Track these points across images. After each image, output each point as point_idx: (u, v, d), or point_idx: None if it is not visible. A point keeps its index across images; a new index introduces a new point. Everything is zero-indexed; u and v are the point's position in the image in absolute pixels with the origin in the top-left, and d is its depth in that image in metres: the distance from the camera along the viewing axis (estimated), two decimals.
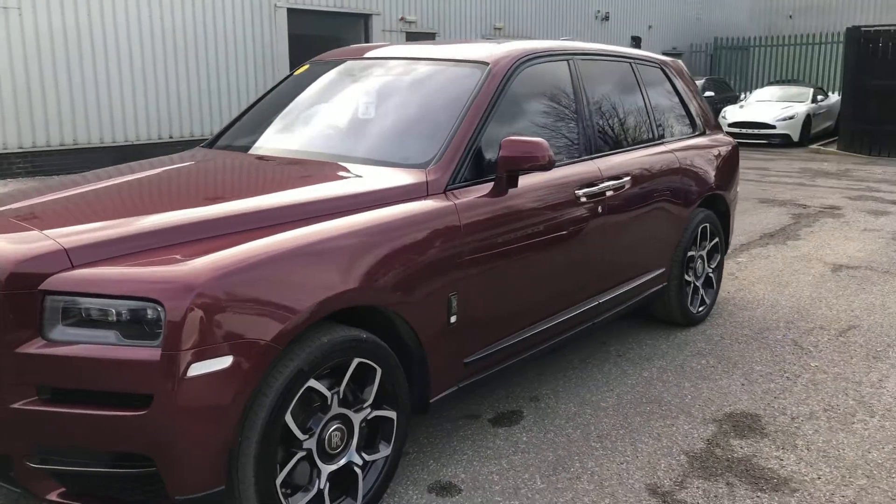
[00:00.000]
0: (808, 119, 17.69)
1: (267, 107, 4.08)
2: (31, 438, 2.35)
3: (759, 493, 3.06)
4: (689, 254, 4.82)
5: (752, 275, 6.34)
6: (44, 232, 2.48)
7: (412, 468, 3.22)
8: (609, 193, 3.92)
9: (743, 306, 5.48)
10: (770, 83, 21.93)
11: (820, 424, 3.67)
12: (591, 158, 3.94)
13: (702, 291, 5.05)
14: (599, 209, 3.85)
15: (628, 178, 4.08)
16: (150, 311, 2.26)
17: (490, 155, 3.34)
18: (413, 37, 17.00)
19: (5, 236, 2.47)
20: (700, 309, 5.04)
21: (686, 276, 4.84)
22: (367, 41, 16.24)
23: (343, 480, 2.76)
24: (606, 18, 23.58)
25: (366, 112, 3.67)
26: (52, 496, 2.40)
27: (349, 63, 4.10)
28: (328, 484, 2.69)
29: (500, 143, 3.26)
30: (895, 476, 3.20)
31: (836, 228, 8.30)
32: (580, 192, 3.72)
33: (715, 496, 3.04)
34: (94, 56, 11.75)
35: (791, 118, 17.39)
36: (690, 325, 4.99)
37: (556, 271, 3.63)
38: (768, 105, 18.16)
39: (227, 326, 2.30)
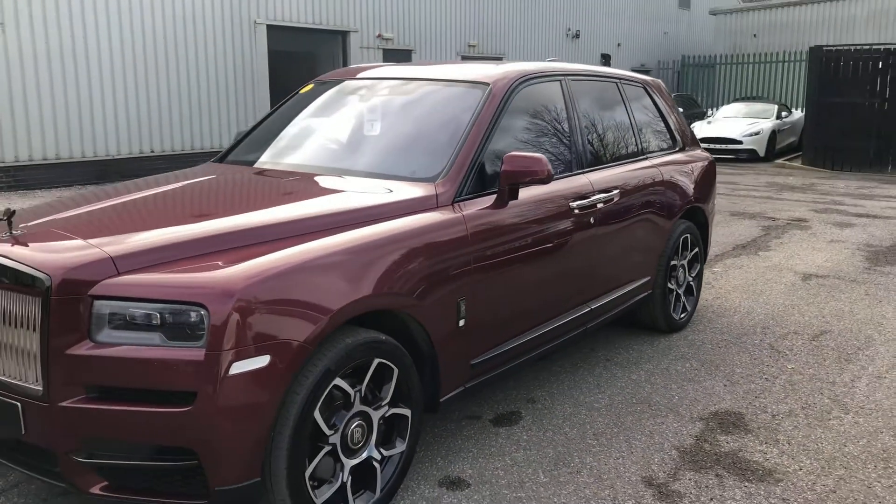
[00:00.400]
0: (774, 135, 18.23)
1: (276, 124, 4.27)
2: (78, 435, 2.51)
3: (746, 483, 3.30)
4: (672, 263, 5.08)
5: (728, 284, 6.63)
6: (89, 241, 2.65)
7: (421, 465, 3.41)
8: (600, 206, 4.16)
9: (721, 313, 5.75)
10: (735, 100, 22.51)
11: (799, 421, 3.92)
12: (583, 172, 4.18)
13: (683, 299, 5.31)
14: (591, 220, 4.09)
15: (617, 191, 4.33)
16: (193, 315, 2.43)
17: (491, 169, 3.56)
18: (390, 54, 17.24)
19: (54, 245, 2.63)
20: (682, 315, 5.30)
21: (669, 284, 5.09)
22: (344, 58, 16.47)
23: (363, 474, 2.94)
24: (577, 36, 24.06)
25: (373, 129, 3.88)
26: (95, 490, 2.56)
27: (353, 82, 4.30)
28: (350, 477, 2.87)
29: (502, 159, 3.48)
30: (870, 467, 3.46)
31: (804, 240, 8.65)
32: (574, 204, 3.95)
33: (706, 486, 3.27)
34: (76, 72, 11.81)
35: (757, 134, 17.90)
36: (673, 331, 5.24)
37: (552, 278, 3.86)
38: (735, 121, 18.68)
39: (264, 328, 2.48)
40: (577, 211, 3.97)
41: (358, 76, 4.37)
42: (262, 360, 2.48)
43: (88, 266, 2.51)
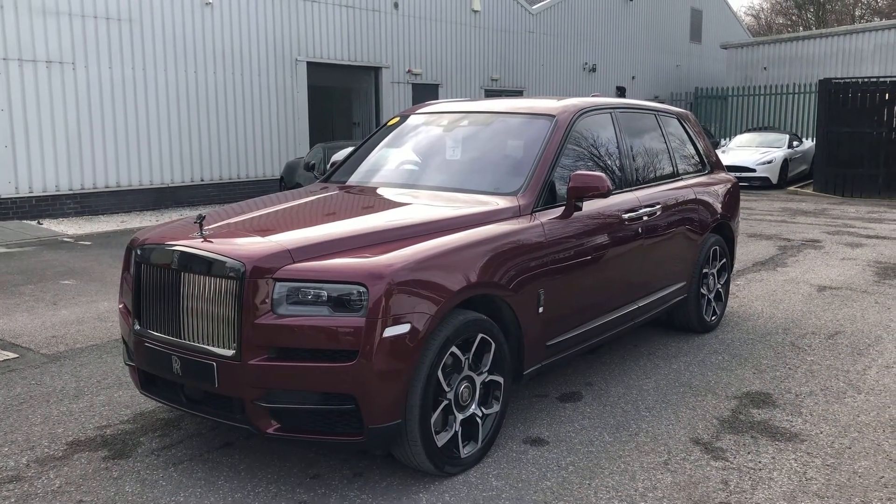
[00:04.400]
0: (786, 163, 18.99)
1: (371, 151, 5.06)
2: (262, 386, 3.25)
3: (776, 443, 4.00)
4: (704, 270, 5.82)
5: (751, 294, 7.35)
6: (267, 238, 3.43)
7: (506, 428, 4.13)
8: (645, 218, 4.92)
9: (745, 318, 6.47)
10: (747, 130, 23.33)
11: (818, 399, 4.62)
12: (631, 190, 4.94)
13: (713, 303, 6.04)
14: (639, 230, 4.84)
15: (659, 206, 5.09)
16: (355, 292, 3.18)
17: (559, 185, 4.32)
18: (418, 88, 18.17)
19: (243, 242, 3.41)
20: (712, 318, 6.03)
21: (701, 290, 5.82)
22: (377, 92, 17.39)
23: (468, 428, 3.67)
24: (594, 70, 24.98)
25: (457, 153, 4.66)
26: (271, 430, 3.29)
27: (434, 116, 5.09)
28: (460, 428, 3.60)
29: (567, 176, 4.25)
30: (879, 431, 4.15)
31: (817, 258, 9.36)
32: (625, 216, 4.71)
33: (743, 444, 3.98)
34: (136, 107, 12.75)
35: (770, 162, 18.67)
36: (705, 331, 5.96)
37: (608, 277, 4.60)
38: (748, 150, 19.46)
39: (405, 303, 3.24)
40: (627, 222, 4.73)
41: (437, 110, 5.16)
42: (405, 328, 3.23)
43: (272, 256, 3.28)
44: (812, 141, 20.76)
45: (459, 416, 3.60)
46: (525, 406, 4.46)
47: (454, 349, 3.49)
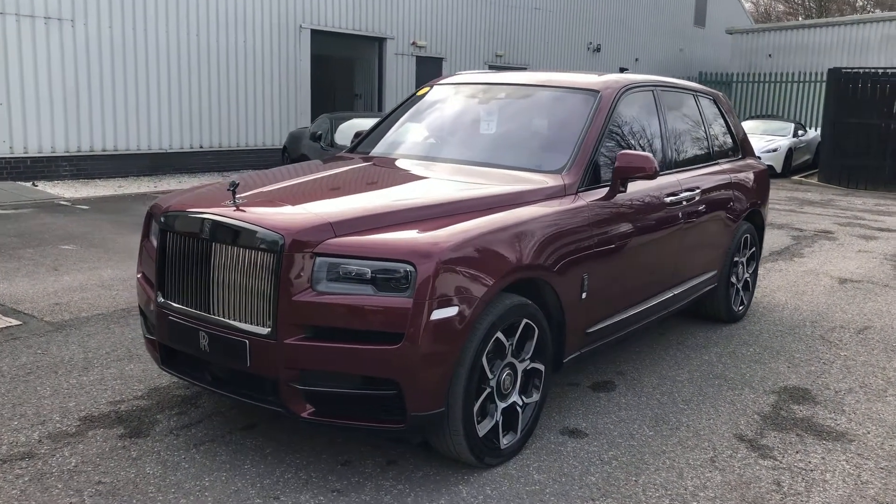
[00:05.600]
0: (790, 152, 18.82)
1: (400, 121, 4.81)
2: (298, 367, 3.03)
3: (824, 442, 3.83)
4: (735, 259, 5.63)
5: (772, 284, 7.18)
6: (307, 210, 3.19)
7: (541, 419, 3.93)
8: (685, 203, 4.71)
9: (770, 309, 6.30)
10: (751, 117, 23.12)
11: (859, 397, 4.46)
12: (672, 172, 4.73)
13: (741, 293, 5.85)
14: (679, 214, 4.63)
15: (699, 190, 4.88)
16: (402, 271, 2.96)
17: (603, 164, 4.09)
18: (422, 61, 17.84)
19: (283, 211, 3.18)
20: (740, 308, 5.85)
21: (731, 279, 5.64)
22: (380, 64, 17.06)
23: (507, 418, 3.47)
24: (598, 50, 24.68)
25: (497, 127, 4.42)
26: (305, 414, 3.08)
27: (468, 87, 4.83)
28: (501, 417, 3.40)
29: (612, 156, 4.03)
30: None
31: (833, 249, 9.20)
32: (667, 199, 4.50)
33: (790, 443, 3.80)
34: (136, 69, 12.39)
35: (775, 150, 18.49)
36: (732, 321, 5.78)
37: (648, 262, 4.40)
38: (752, 138, 19.19)
39: (455, 284, 3.02)
40: (669, 206, 4.52)
41: (469, 81, 4.91)
42: (452, 311, 3.02)
43: (314, 229, 3.05)
44: (816, 131, 20.60)
45: (501, 405, 3.40)
46: (559, 395, 4.27)
47: (499, 334, 3.28)
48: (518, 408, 3.50)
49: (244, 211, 3.19)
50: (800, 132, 19.99)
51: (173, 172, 13.17)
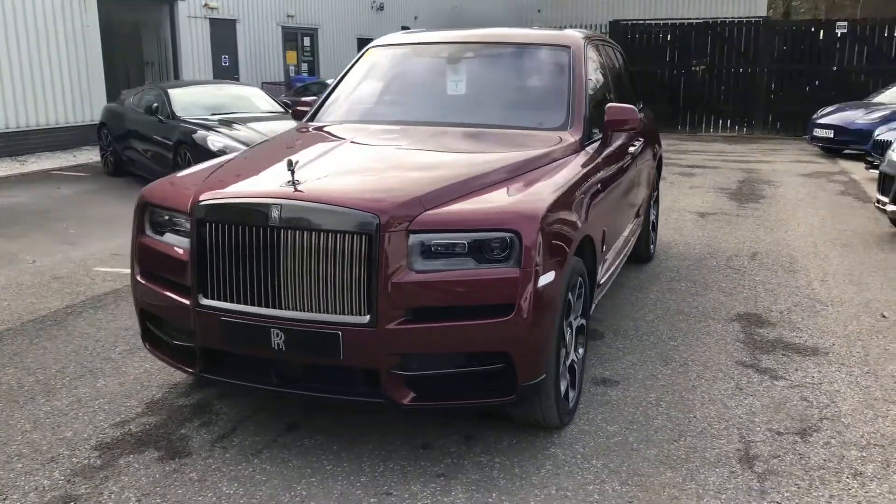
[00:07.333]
0: None
1: (365, 86, 4.54)
2: (400, 352, 2.84)
3: (809, 357, 4.25)
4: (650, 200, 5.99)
5: None
6: (388, 186, 2.97)
7: None
8: (637, 149, 4.93)
9: (667, 246, 6.79)
10: None
11: (801, 314, 4.97)
12: None
13: (651, 233, 6.25)
14: (635, 162, 4.84)
15: (641, 141, 5.12)
16: (505, 240, 2.85)
17: (592, 118, 4.15)
18: (216, 24, 16.80)
19: (368, 190, 2.92)
20: (651, 247, 6.25)
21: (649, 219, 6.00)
22: (172, 28, 15.82)
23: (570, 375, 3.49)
24: (381, 8, 24.62)
25: (482, 88, 4.32)
26: (406, 401, 2.90)
27: (431, 46, 4.63)
28: (568, 376, 3.41)
29: (605, 109, 4.12)
30: (874, 338, 4.54)
31: (671, 188, 10.03)
32: (630, 150, 4.69)
33: (783, 362, 4.18)
34: None
35: None
36: (647, 261, 6.17)
37: (624, 211, 4.58)
38: None
39: (550, 249, 2.97)
40: (631, 154, 4.71)
41: (424, 41, 4.70)
42: (552, 276, 2.96)
43: (406, 205, 2.84)
44: None
45: (568, 363, 3.41)
46: None
47: (569, 295, 3.28)
48: (575, 364, 3.53)
49: (321, 192, 2.89)
50: None
51: None
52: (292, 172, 2.95)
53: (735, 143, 15.99)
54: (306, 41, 20.81)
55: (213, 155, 8.05)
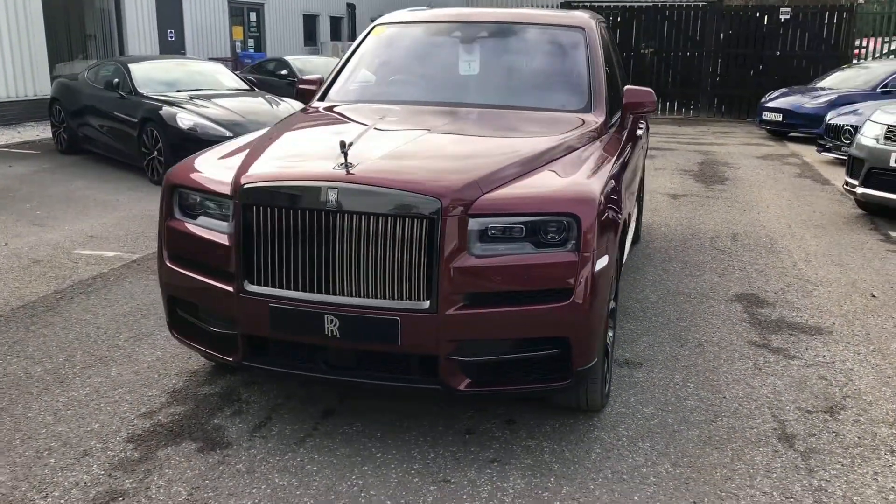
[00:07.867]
0: None
1: (383, 65, 4.43)
2: (459, 338, 2.80)
3: (813, 336, 4.37)
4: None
5: None
6: (445, 168, 2.90)
7: None
8: (642, 134, 4.97)
9: (649, 228, 6.88)
10: None
11: (795, 293, 5.11)
12: None
13: (638, 215, 6.33)
14: (640, 144, 4.88)
15: (643, 124, 5.16)
16: (564, 223, 2.82)
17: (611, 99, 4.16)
18: None
19: (429, 171, 2.85)
20: (638, 227, 6.33)
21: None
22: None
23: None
24: None
25: (501, 68, 4.27)
26: (462, 386, 2.87)
27: (440, 25, 4.54)
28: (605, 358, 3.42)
29: (623, 92, 4.13)
30: (871, 316, 4.70)
31: None
32: (638, 132, 4.72)
33: (793, 342, 4.28)
34: None
35: None
36: (636, 242, 6.24)
37: (634, 194, 4.60)
38: None
39: (604, 232, 2.96)
40: (638, 137, 4.74)
41: (435, 19, 4.60)
42: (605, 259, 2.96)
43: (465, 188, 2.79)
44: None
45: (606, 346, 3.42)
46: None
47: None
48: (608, 347, 3.54)
49: (381, 175, 2.80)
50: None
51: None
52: (345, 154, 2.86)
53: (683, 125, 16.29)
54: (252, 16, 20.32)
55: (182, 133, 7.81)
